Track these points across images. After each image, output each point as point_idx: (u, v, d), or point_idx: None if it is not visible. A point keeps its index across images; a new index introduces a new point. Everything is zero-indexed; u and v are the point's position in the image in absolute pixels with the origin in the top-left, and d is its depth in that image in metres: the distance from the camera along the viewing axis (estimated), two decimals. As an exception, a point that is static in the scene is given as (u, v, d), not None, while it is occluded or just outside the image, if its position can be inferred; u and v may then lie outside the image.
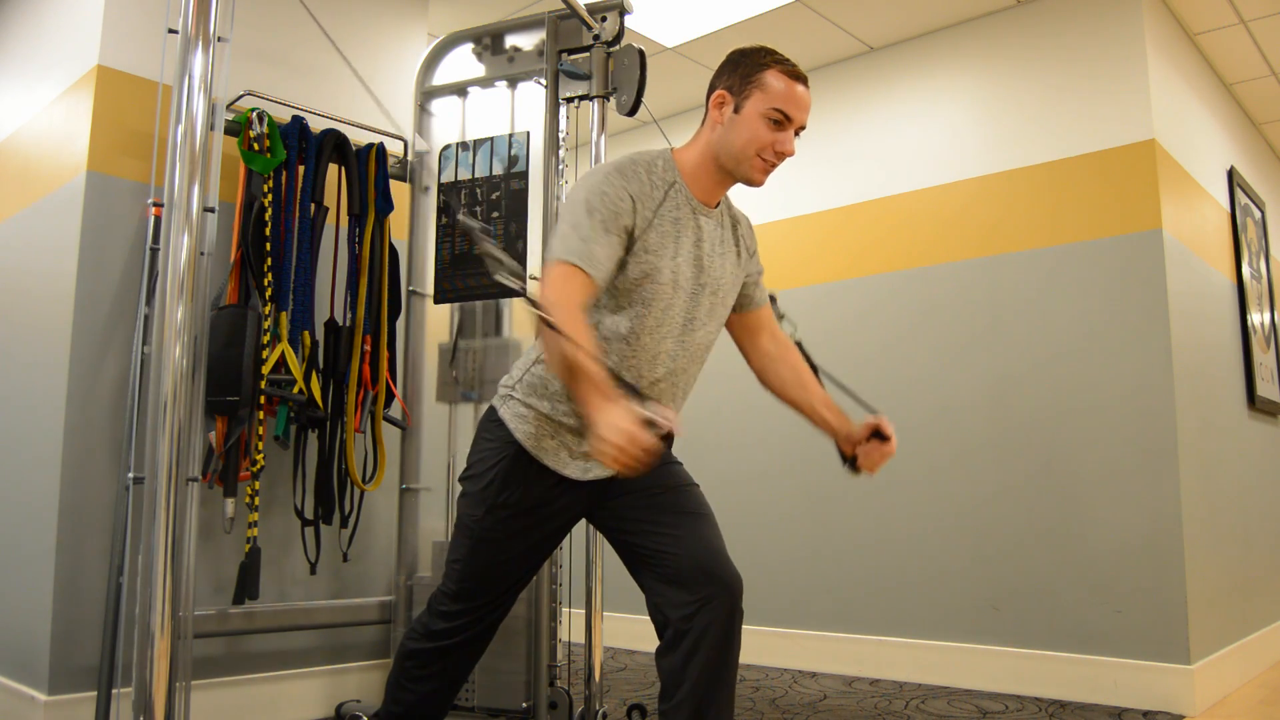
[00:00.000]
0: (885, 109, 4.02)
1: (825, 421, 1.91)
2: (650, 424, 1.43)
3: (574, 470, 1.74)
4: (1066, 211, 3.47)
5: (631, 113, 2.74)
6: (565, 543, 2.87)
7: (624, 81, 2.74)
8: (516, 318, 2.97)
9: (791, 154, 1.72)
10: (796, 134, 1.72)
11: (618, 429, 1.39)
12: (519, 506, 1.75)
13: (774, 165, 1.72)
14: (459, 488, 1.84)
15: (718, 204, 1.81)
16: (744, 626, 1.70)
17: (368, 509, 2.97)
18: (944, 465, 3.62)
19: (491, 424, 1.78)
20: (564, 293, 1.55)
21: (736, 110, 1.69)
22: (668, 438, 1.78)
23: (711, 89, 1.74)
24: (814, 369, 2.00)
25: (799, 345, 1.99)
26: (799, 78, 1.69)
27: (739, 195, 1.92)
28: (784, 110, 1.67)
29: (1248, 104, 4.52)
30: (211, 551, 2.65)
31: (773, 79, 1.67)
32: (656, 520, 1.73)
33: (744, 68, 1.70)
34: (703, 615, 1.62)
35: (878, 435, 1.85)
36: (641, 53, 2.73)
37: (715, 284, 1.78)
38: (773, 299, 2.02)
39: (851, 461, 1.90)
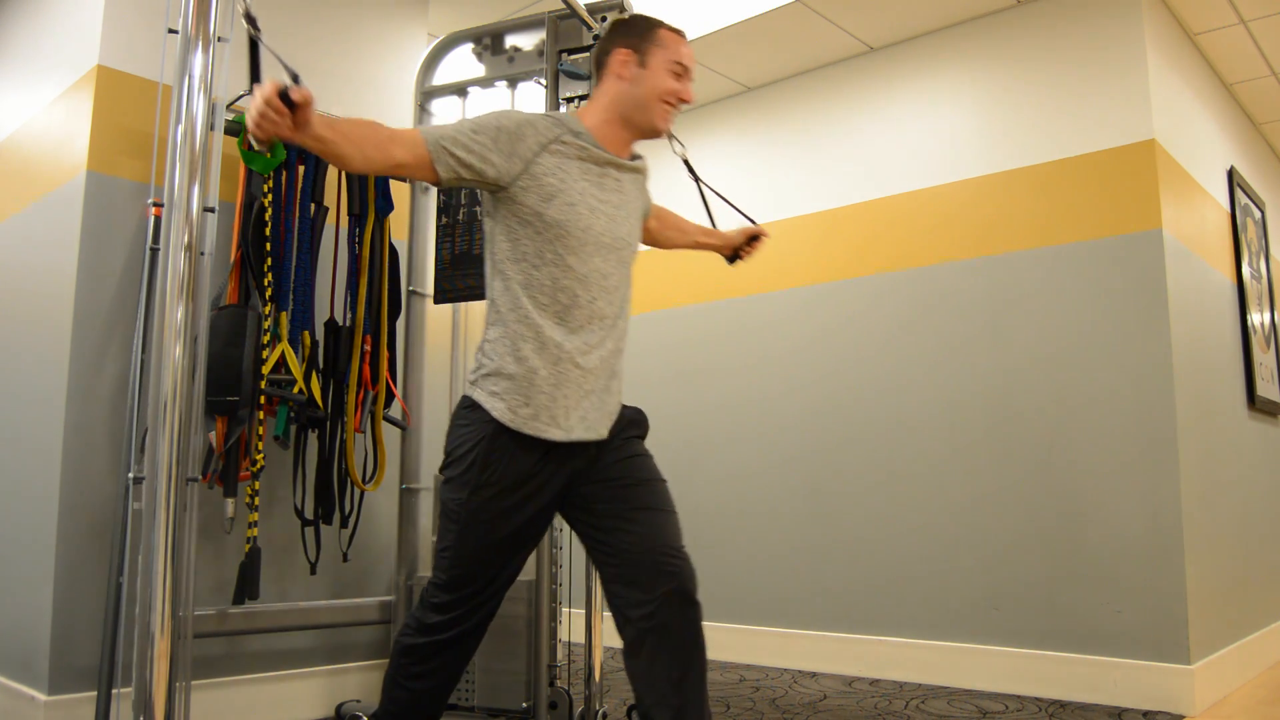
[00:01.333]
0: (885, 109, 4.02)
1: (707, 244, 2.27)
2: (284, 90, 1.48)
3: (556, 433, 1.76)
4: (1066, 211, 3.47)
5: None
6: (565, 543, 2.87)
7: None
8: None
9: (691, 100, 1.92)
10: None
11: (258, 94, 1.46)
12: (502, 484, 1.76)
13: (677, 110, 1.90)
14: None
15: (630, 157, 1.92)
16: (745, 627, 1.71)
17: (368, 509, 2.97)
18: (943, 465, 3.62)
19: (465, 410, 1.81)
20: (372, 126, 1.66)
21: (642, 65, 1.86)
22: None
23: (606, 51, 1.90)
24: (696, 180, 2.34)
25: (685, 162, 2.29)
26: (684, 37, 1.92)
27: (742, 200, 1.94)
28: (683, 63, 1.88)
29: (1248, 104, 4.52)
30: (211, 551, 2.65)
31: (668, 37, 1.88)
32: (620, 514, 1.77)
33: (640, 29, 1.89)
34: (661, 613, 1.66)
35: (754, 239, 2.26)
36: None
37: (627, 240, 1.90)
38: None
39: (733, 258, 2.30)
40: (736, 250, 2.26)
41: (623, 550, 1.73)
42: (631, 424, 1.89)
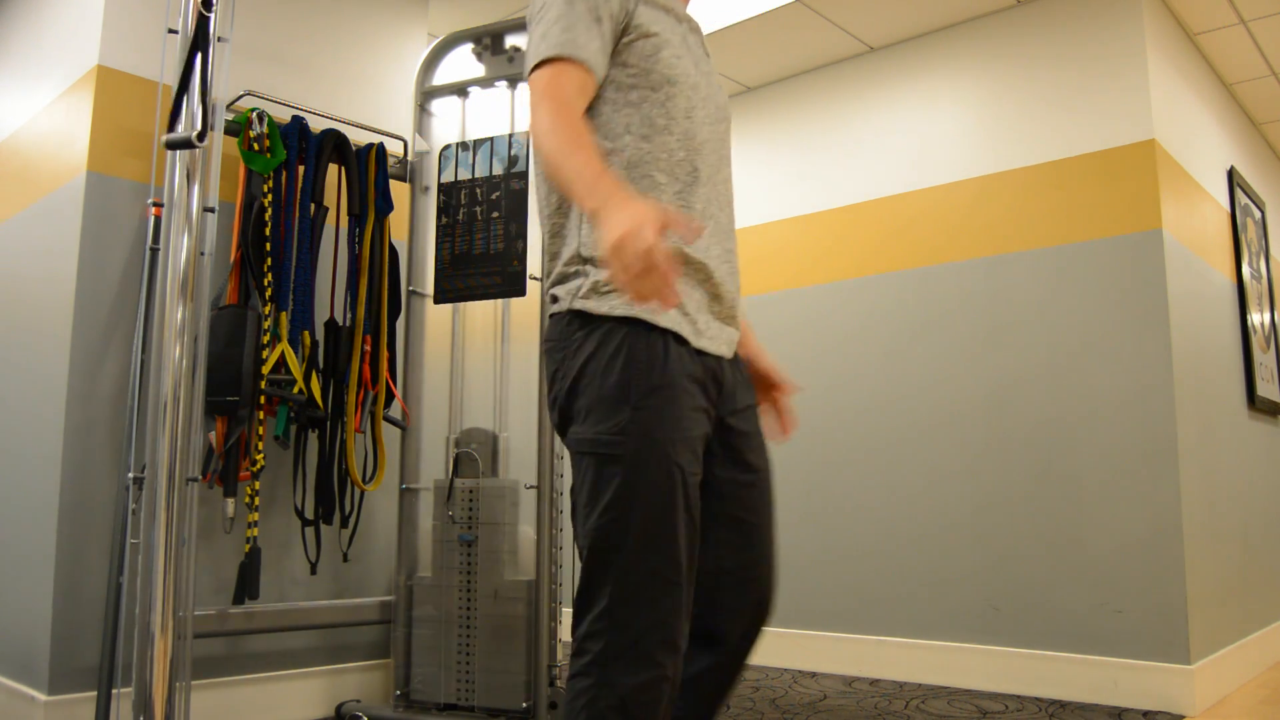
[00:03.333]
0: (885, 109, 4.02)
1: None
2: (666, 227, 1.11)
3: (693, 333, 1.34)
4: (1066, 211, 3.47)
5: None
6: (566, 542, 2.87)
7: None
8: (515, 456, 2.95)
9: None
10: None
11: (634, 218, 1.07)
12: (675, 389, 1.28)
13: None
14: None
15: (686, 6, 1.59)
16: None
17: (368, 509, 2.97)
18: (944, 464, 3.62)
19: (575, 326, 1.32)
20: (561, 98, 1.27)
21: None
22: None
23: None
24: None
25: None
26: None
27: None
28: None
29: (1248, 104, 4.52)
30: (211, 551, 2.65)
31: None
32: (742, 522, 1.40)
33: None
34: (748, 640, 1.45)
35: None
36: None
37: (728, 114, 1.53)
38: None
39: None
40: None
41: (746, 574, 1.43)
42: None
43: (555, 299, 1.36)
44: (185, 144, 1.94)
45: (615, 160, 1.36)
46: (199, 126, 2.04)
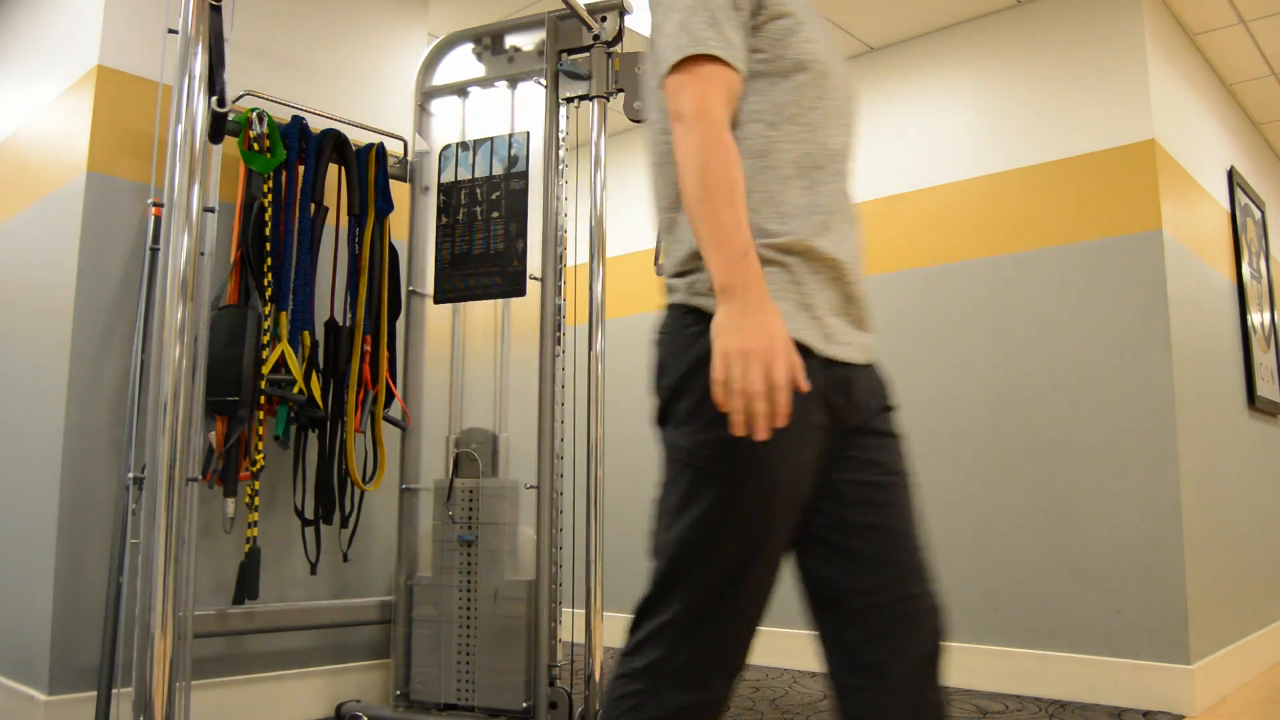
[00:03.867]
0: (885, 109, 4.02)
1: None
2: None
3: (822, 341, 1.21)
4: (1066, 211, 3.47)
5: (645, 120, 2.74)
6: (565, 542, 2.87)
7: (640, 89, 2.73)
8: (515, 456, 2.92)
9: None
10: None
11: (769, 336, 1.02)
12: (791, 407, 1.12)
13: None
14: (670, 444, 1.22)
15: None
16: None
17: (368, 509, 2.97)
18: (943, 464, 3.62)
19: (689, 321, 1.19)
20: (713, 118, 1.14)
21: None
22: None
23: None
24: None
25: None
26: None
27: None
28: None
29: (1248, 104, 4.52)
30: (211, 551, 2.65)
31: None
32: (881, 530, 1.23)
33: None
34: (925, 674, 1.23)
35: None
36: None
37: (849, 79, 1.37)
38: None
39: None
40: None
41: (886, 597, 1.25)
42: None
43: (672, 289, 1.27)
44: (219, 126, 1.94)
45: (741, 149, 1.21)
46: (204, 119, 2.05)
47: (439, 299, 2.90)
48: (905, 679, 1.19)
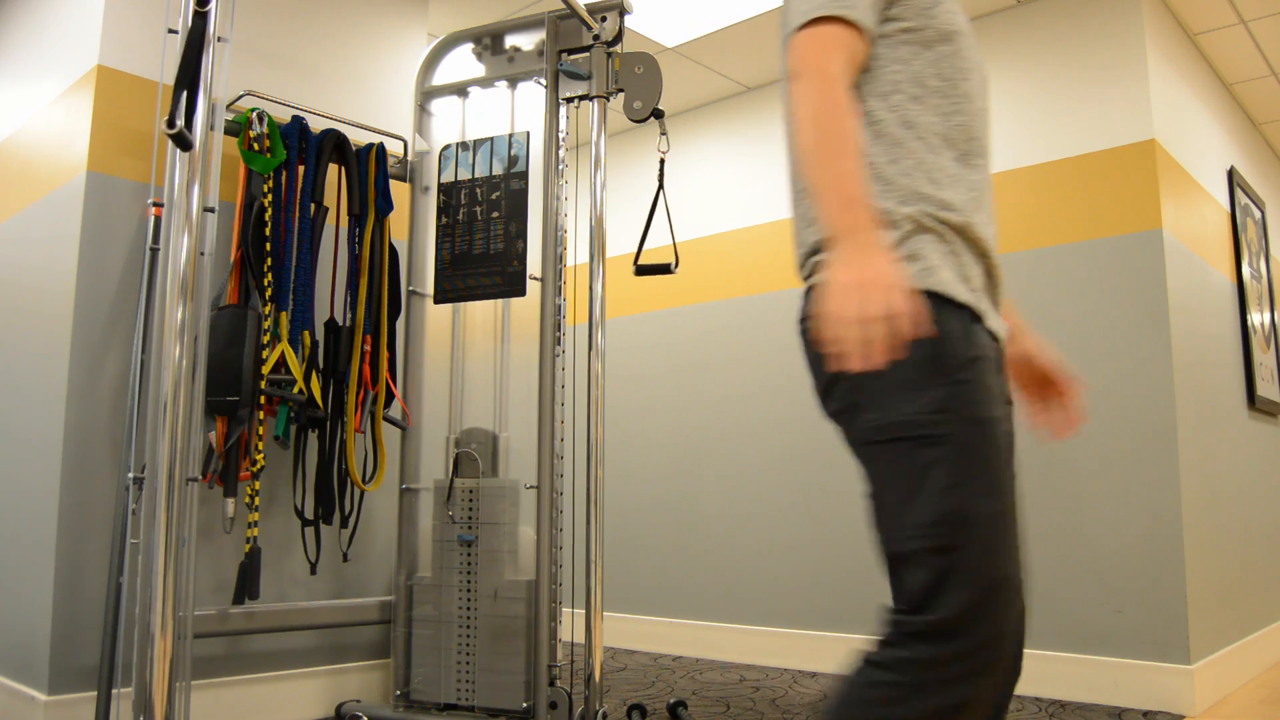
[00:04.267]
0: (885, 109, 4.02)
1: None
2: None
3: (986, 312, 1.18)
4: (1066, 211, 3.47)
5: (645, 120, 2.74)
6: (565, 542, 2.87)
7: (640, 89, 2.73)
8: (515, 456, 2.91)
9: None
10: None
11: (879, 272, 0.98)
12: (990, 362, 1.13)
13: None
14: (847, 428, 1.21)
15: None
16: (745, 627, 1.67)
17: (368, 509, 2.97)
18: (944, 465, 3.61)
19: None
20: (828, 74, 1.11)
21: None
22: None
23: None
24: (660, 186, 2.13)
25: (661, 163, 2.13)
26: None
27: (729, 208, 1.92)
28: None
29: (1248, 104, 4.52)
30: (211, 551, 2.65)
31: None
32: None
33: None
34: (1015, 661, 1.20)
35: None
36: (655, 60, 2.74)
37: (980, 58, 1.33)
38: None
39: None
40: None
41: None
42: None
43: (809, 269, 1.25)
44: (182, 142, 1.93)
45: (887, 121, 1.18)
46: (186, 122, 2.04)
47: (439, 299, 2.90)
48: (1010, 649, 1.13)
